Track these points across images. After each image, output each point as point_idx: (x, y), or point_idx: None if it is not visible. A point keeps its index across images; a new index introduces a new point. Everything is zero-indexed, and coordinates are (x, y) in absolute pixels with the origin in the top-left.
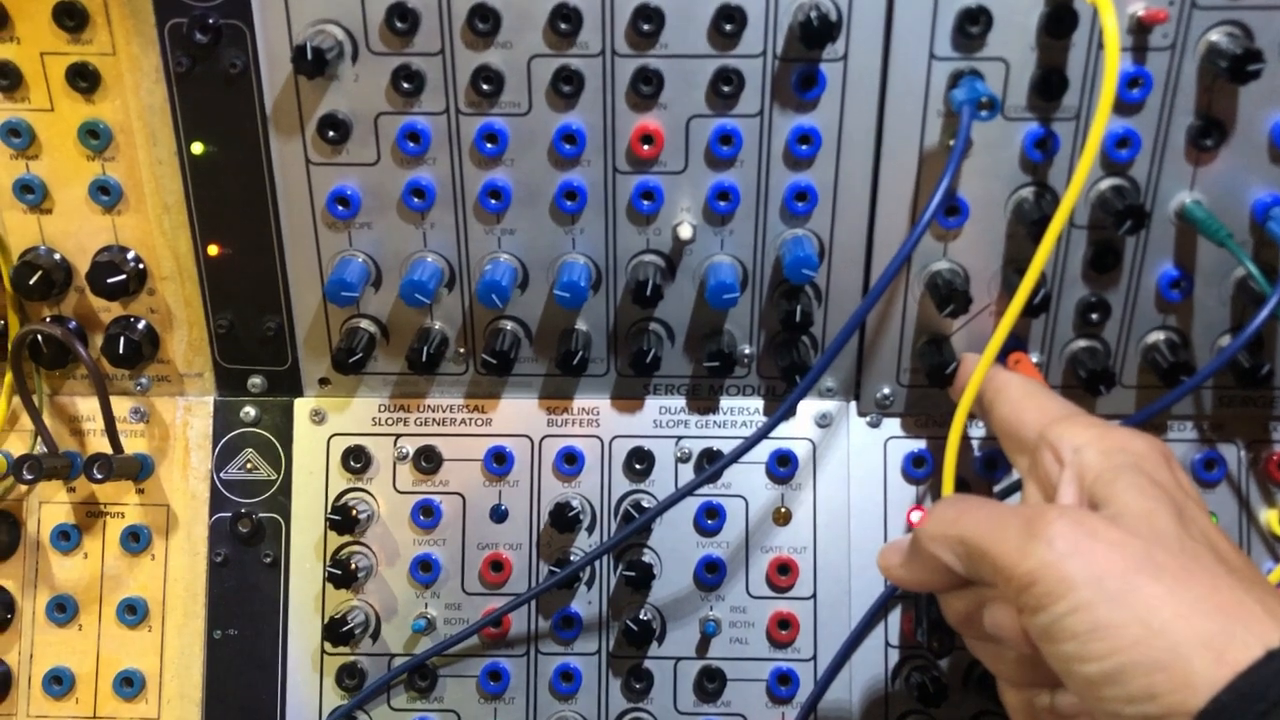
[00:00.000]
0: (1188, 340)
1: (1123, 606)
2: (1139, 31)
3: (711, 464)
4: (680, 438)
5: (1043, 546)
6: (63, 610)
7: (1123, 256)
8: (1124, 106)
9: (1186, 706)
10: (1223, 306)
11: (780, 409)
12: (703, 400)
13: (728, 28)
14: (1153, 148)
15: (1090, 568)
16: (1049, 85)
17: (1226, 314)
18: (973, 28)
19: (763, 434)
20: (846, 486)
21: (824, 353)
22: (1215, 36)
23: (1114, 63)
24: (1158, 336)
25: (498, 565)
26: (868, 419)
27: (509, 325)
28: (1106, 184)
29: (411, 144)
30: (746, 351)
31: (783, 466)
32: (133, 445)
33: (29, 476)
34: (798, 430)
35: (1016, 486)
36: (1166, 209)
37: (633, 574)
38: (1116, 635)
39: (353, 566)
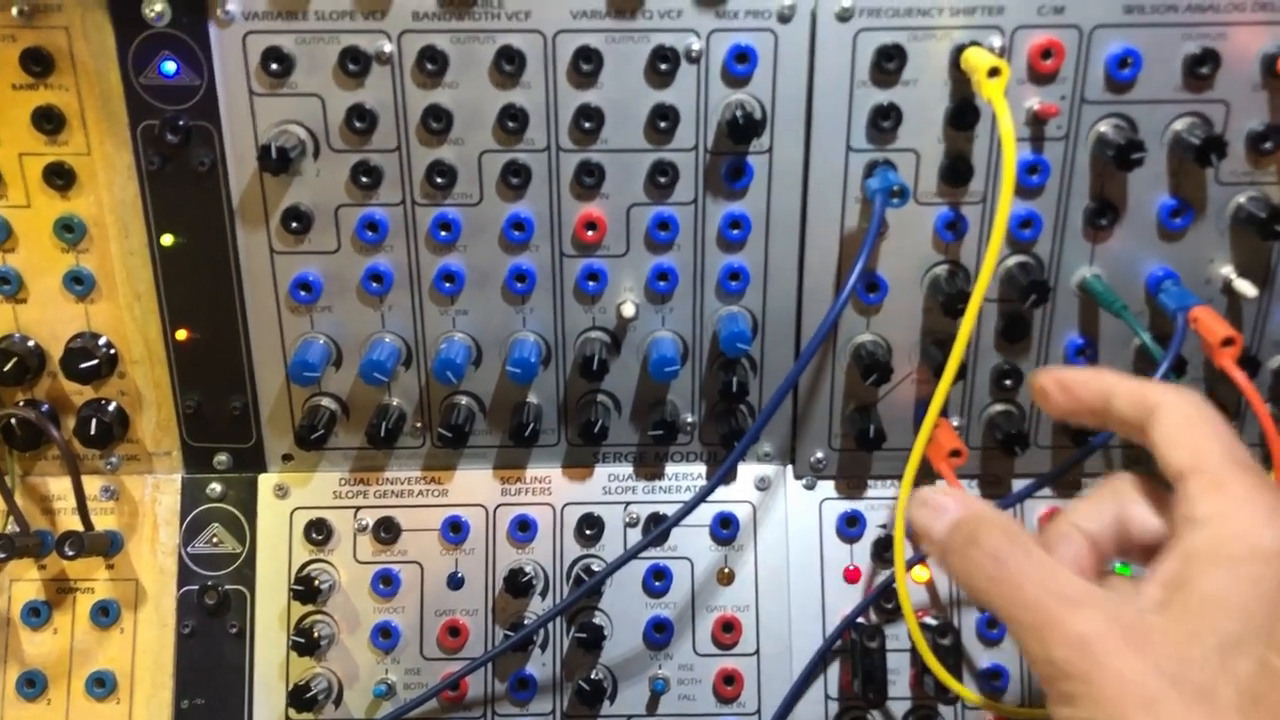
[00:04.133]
0: None
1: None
2: (1035, 123)
3: (658, 527)
4: (628, 503)
5: (1062, 649)
6: (32, 685)
7: (1031, 327)
8: (1025, 191)
9: None
10: (1126, 370)
11: (721, 468)
12: (649, 467)
13: (662, 125)
14: (1053, 227)
15: (1107, 671)
16: (956, 173)
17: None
18: (884, 122)
19: (704, 495)
20: (785, 546)
21: (758, 417)
22: (1103, 128)
23: (1011, 153)
24: None
25: (455, 631)
26: (803, 481)
27: (464, 400)
28: (1013, 261)
29: (370, 233)
30: (689, 420)
31: (725, 529)
32: (103, 522)
33: (0, 555)
34: (739, 494)
35: None
36: (1069, 283)
37: (584, 635)
38: None
39: (315, 635)
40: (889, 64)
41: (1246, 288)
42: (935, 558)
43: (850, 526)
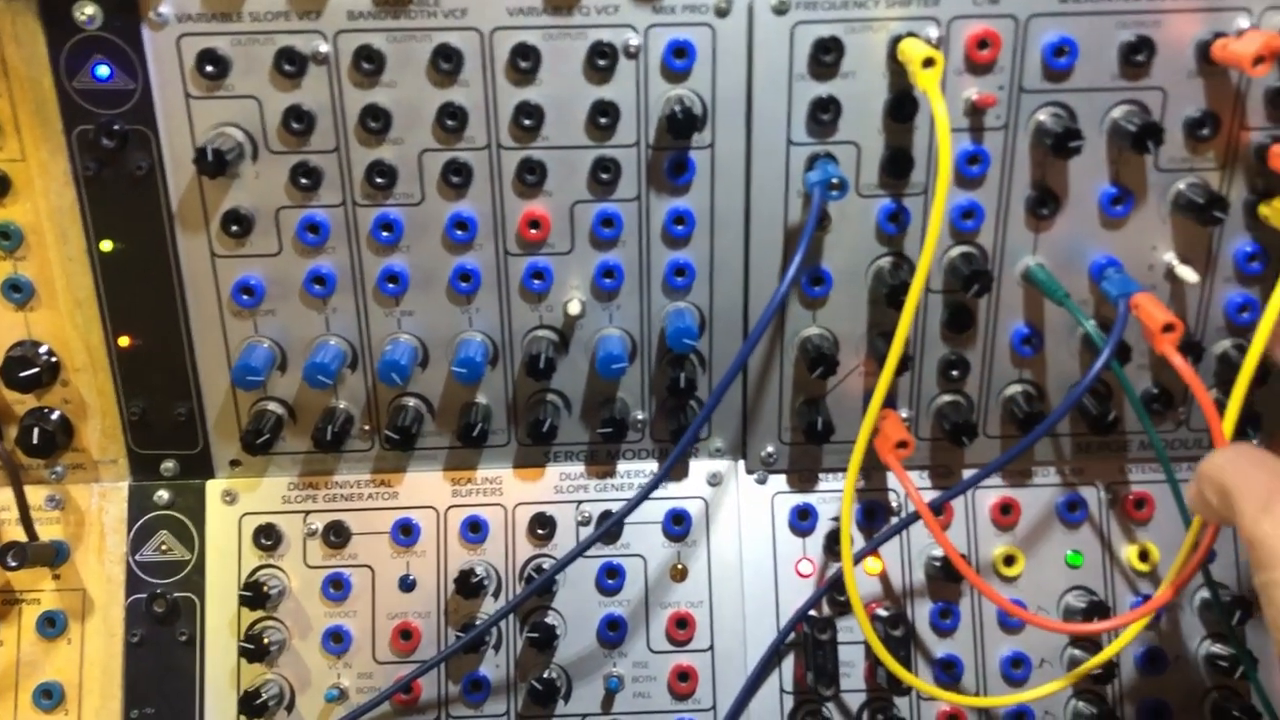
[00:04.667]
0: (1043, 392)
1: None
2: (974, 114)
3: (608, 523)
4: (580, 502)
5: (1270, 521)
6: None
7: (976, 317)
8: (966, 181)
9: None
10: (1073, 359)
11: (668, 460)
12: (600, 465)
13: (603, 121)
14: (996, 217)
15: None
16: (896, 164)
17: (1076, 366)
18: (823, 115)
19: (651, 487)
20: (738, 541)
21: (702, 409)
22: (1042, 116)
23: (946, 143)
24: (1015, 389)
25: (407, 634)
26: (755, 476)
27: (411, 402)
28: (956, 251)
29: (311, 235)
30: (639, 417)
31: (678, 525)
32: (48, 532)
33: None
34: (691, 490)
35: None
36: (1014, 272)
37: (536, 635)
38: None
39: (265, 641)
40: (826, 57)
41: (1188, 274)
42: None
43: (802, 520)
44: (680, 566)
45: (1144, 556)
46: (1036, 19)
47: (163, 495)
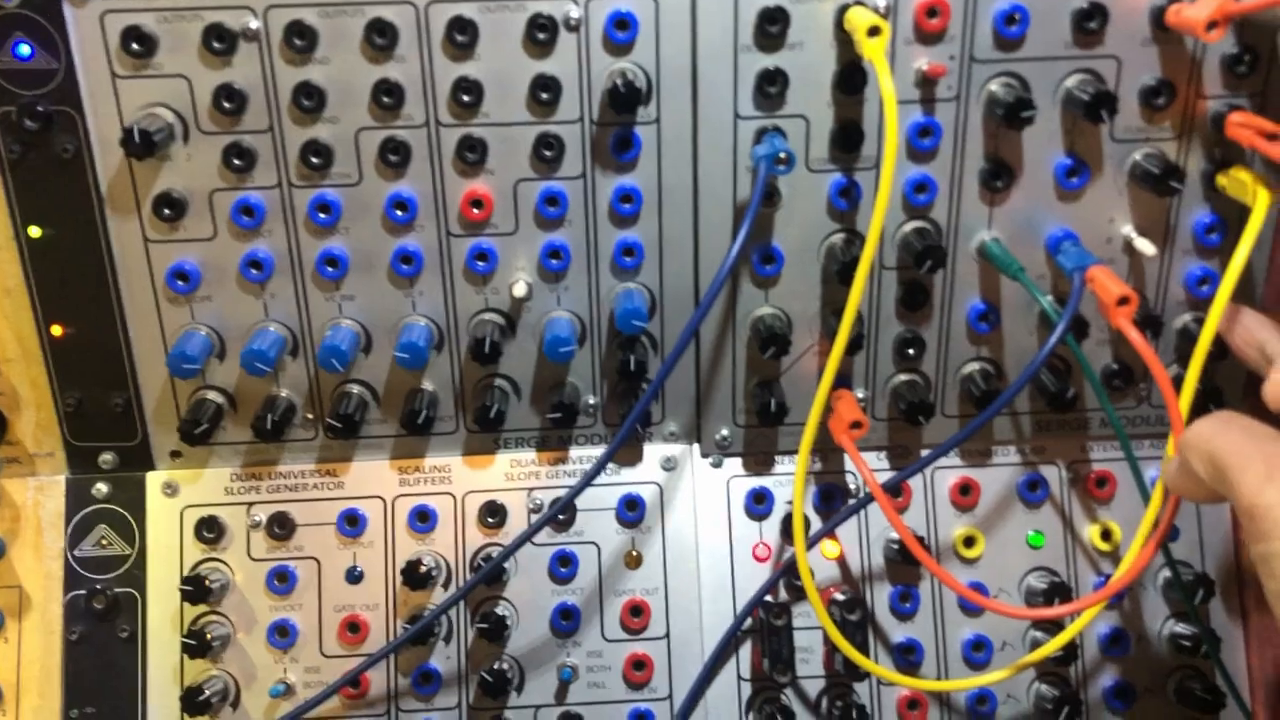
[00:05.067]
0: (1001, 369)
1: None
2: (925, 85)
3: (564, 513)
4: (532, 489)
5: (1273, 488)
6: None
7: (931, 294)
8: (917, 154)
9: None
10: (1031, 336)
11: (617, 437)
12: (552, 451)
13: (544, 96)
14: (949, 191)
15: None
16: (846, 138)
17: (1035, 342)
18: (770, 88)
19: (600, 465)
20: (694, 526)
21: (647, 390)
22: (994, 87)
23: (892, 114)
24: (973, 367)
25: (355, 627)
26: (710, 460)
27: (355, 389)
28: (909, 227)
29: (246, 218)
30: (591, 402)
31: (631, 511)
32: None
33: None
34: (645, 475)
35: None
36: (969, 247)
37: (485, 626)
38: None
39: (208, 636)
40: (772, 27)
41: (1145, 246)
42: (1182, 462)
43: (758, 504)
44: (634, 553)
45: (1106, 536)
46: None
47: (101, 488)
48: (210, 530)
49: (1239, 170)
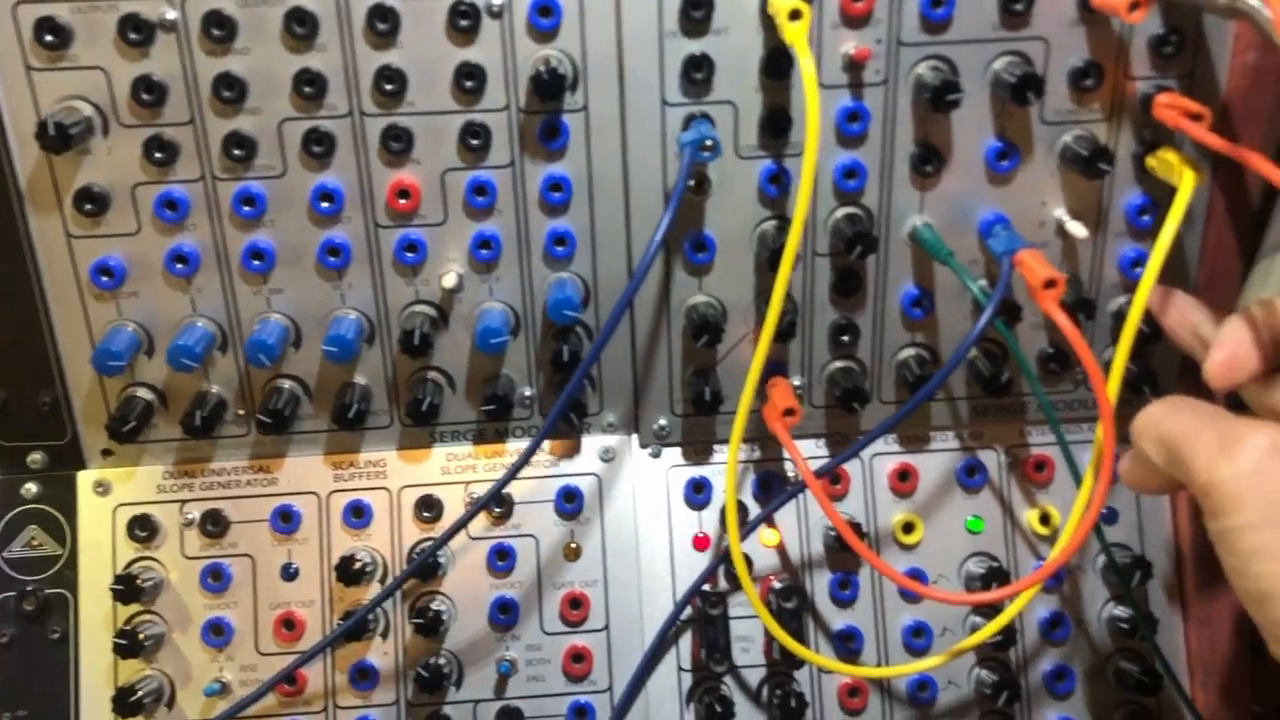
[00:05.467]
0: (937, 355)
1: None
2: (852, 69)
3: (500, 506)
4: (469, 483)
5: (1229, 461)
6: None
7: (864, 280)
8: (846, 139)
9: None
10: (966, 320)
11: (547, 422)
12: (489, 444)
13: (469, 84)
14: (879, 176)
15: (1265, 490)
16: (775, 124)
17: (969, 327)
18: (697, 74)
19: (530, 451)
20: (633, 517)
21: (572, 378)
22: (922, 70)
23: (813, 98)
24: (908, 353)
25: (290, 624)
26: (649, 450)
27: (286, 384)
28: (840, 213)
29: (170, 212)
30: (527, 393)
31: (570, 503)
32: None
33: None
34: (583, 466)
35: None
36: (901, 233)
37: (420, 621)
38: (1274, 560)
39: (140, 636)
40: (696, 13)
41: (1077, 229)
42: (1135, 450)
43: (697, 493)
44: (573, 545)
45: (1045, 520)
46: None
47: (30, 488)
48: (143, 529)
49: (1167, 151)
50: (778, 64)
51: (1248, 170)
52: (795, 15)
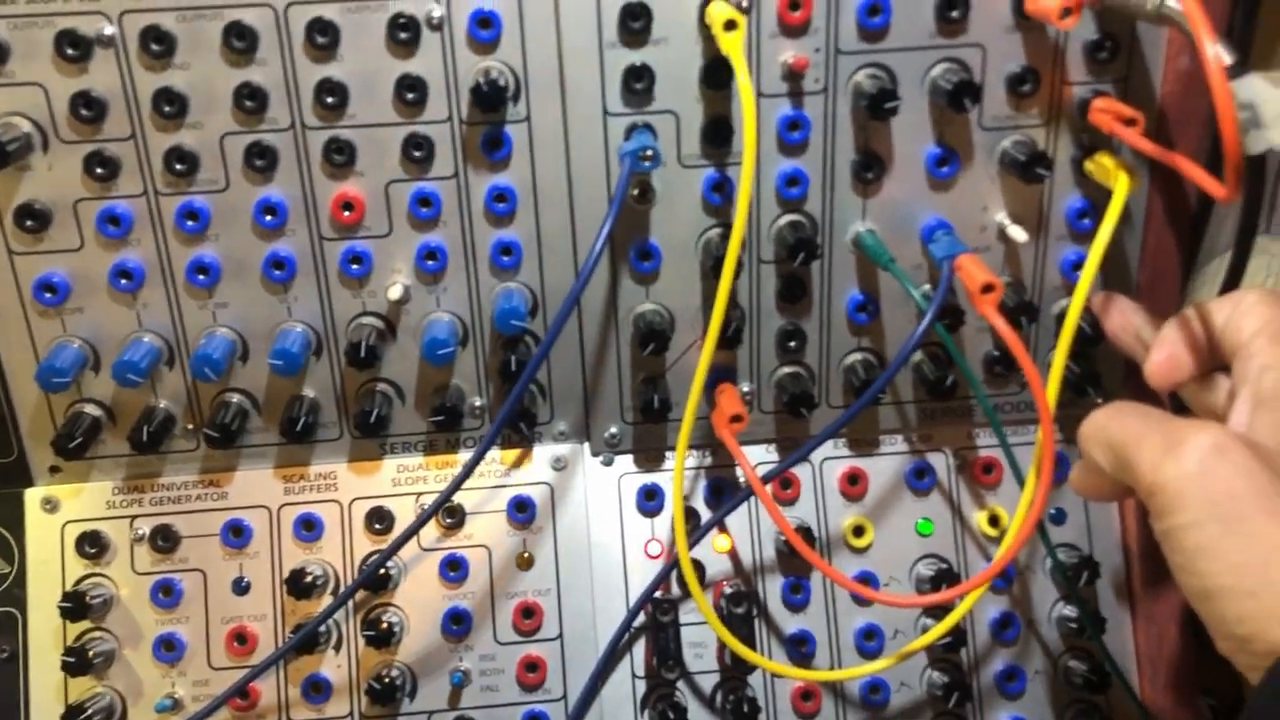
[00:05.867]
0: (883, 359)
1: (1230, 532)
2: (792, 78)
3: (452, 516)
4: (420, 494)
5: (1173, 461)
6: None
7: (809, 286)
8: (788, 147)
9: (1269, 636)
10: (911, 325)
11: (489, 434)
12: (440, 455)
13: (410, 96)
14: (822, 183)
15: (1209, 488)
16: (716, 133)
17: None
18: (637, 84)
19: (476, 459)
20: (586, 525)
21: (515, 387)
22: (860, 78)
23: (750, 107)
24: (855, 358)
25: (242, 638)
26: (600, 458)
27: (234, 398)
28: (784, 220)
29: (112, 227)
30: (478, 403)
31: (521, 512)
32: None
33: None
34: (535, 475)
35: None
36: (845, 239)
37: (372, 633)
38: (1218, 558)
39: (90, 653)
40: (635, 23)
41: (1018, 233)
42: (1084, 456)
43: (649, 500)
44: (526, 555)
45: (994, 521)
46: None
47: None
48: (92, 545)
49: (1104, 155)
50: (717, 74)
51: None
52: (730, 25)
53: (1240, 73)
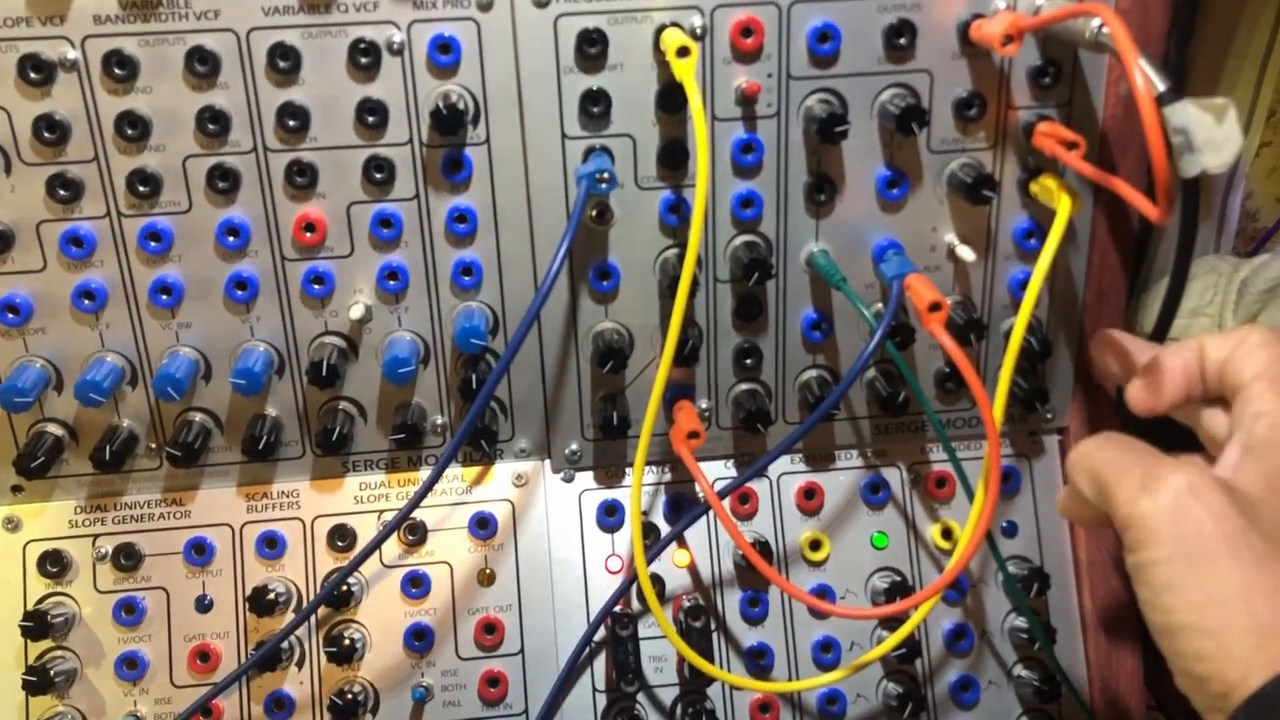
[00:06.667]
0: (838, 376)
1: (1195, 571)
2: (745, 102)
3: (414, 533)
4: (382, 511)
5: (1148, 497)
6: None
7: (765, 305)
8: (742, 170)
9: (1225, 677)
10: (863, 342)
11: (446, 454)
12: (402, 473)
13: (371, 120)
14: (775, 205)
15: (1180, 527)
16: (671, 155)
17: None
18: (594, 108)
19: (436, 475)
20: (546, 541)
21: (479, 394)
22: (812, 103)
23: (702, 131)
24: (810, 375)
25: (205, 655)
26: (561, 475)
27: (197, 417)
28: (739, 240)
29: (75, 248)
30: (439, 421)
31: (483, 529)
32: None
33: None
34: (496, 493)
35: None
36: (799, 259)
37: (334, 649)
38: (1182, 596)
39: (51, 673)
40: (592, 49)
41: (966, 253)
42: (1069, 482)
43: (609, 516)
44: (488, 571)
45: (947, 534)
46: (798, 5)
47: None
48: (54, 564)
49: (1048, 177)
50: (672, 98)
51: None
52: (683, 52)
53: (1174, 99)
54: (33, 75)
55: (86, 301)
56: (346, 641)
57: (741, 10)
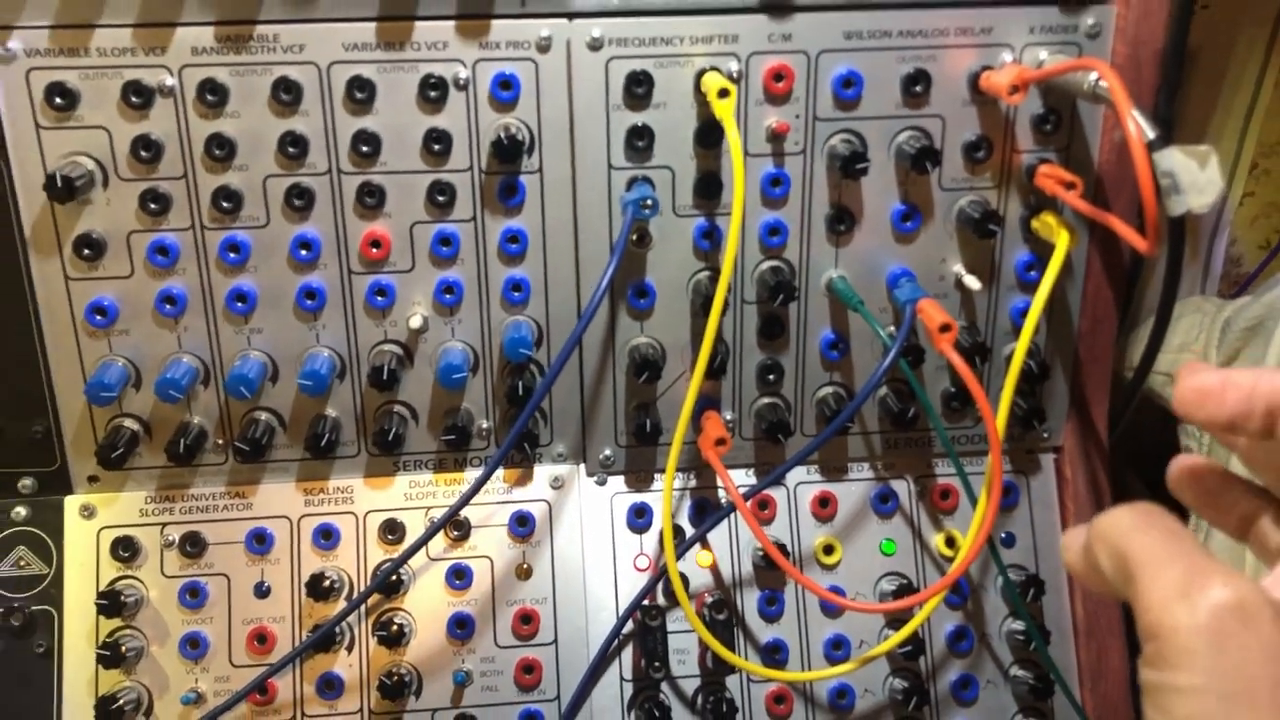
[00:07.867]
0: (852, 392)
1: (1230, 715)
2: (775, 140)
3: (459, 529)
4: (429, 508)
5: (1187, 610)
6: None
7: (787, 325)
8: (770, 201)
9: None
10: (878, 361)
11: (501, 449)
12: (448, 473)
13: (436, 148)
14: (799, 234)
15: (1221, 657)
16: (706, 187)
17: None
18: (639, 142)
19: (485, 477)
20: (580, 540)
21: (529, 402)
22: (835, 142)
23: (739, 164)
24: (826, 391)
25: (262, 638)
26: (595, 479)
27: (263, 415)
28: (765, 265)
29: (161, 257)
30: (485, 426)
31: (522, 526)
32: None
33: None
34: (535, 494)
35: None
36: (819, 283)
37: (384, 634)
38: None
39: (122, 648)
40: (639, 89)
41: (972, 282)
42: (1090, 548)
43: (639, 518)
44: (525, 566)
45: (950, 543)
46: (826, 54)
47: (20, 511)
48: (125, 550)
49: (1048, 215)
50: (709, 134)
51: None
52: (724, 94)
53: (1162, 145)
54: (134, 99)
55: (168, 306)
56: (395, 627)
57: (774, 57)
